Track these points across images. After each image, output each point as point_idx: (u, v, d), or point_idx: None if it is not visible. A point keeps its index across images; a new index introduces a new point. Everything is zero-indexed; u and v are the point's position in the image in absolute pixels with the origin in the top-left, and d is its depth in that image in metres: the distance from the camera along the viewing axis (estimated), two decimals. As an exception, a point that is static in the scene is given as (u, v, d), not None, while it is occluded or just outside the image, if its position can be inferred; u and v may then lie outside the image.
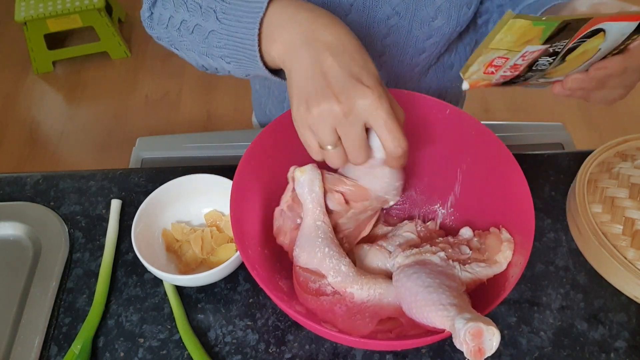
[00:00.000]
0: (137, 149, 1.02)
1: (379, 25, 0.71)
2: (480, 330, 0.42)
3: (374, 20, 0.70)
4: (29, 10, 2.05)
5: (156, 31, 0.60)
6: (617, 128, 1.90)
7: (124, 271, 0.67)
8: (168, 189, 0.67)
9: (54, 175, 0.77)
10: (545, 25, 0.42)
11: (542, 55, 0.46)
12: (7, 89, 2.17)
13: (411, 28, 0.71)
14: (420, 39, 0.72)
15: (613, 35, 0.46)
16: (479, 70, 0.47)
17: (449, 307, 0.46)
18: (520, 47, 0.44)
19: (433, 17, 0.69)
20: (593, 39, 0.46)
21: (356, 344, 0.53)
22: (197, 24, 0.52)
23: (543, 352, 0.60)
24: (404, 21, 0.70)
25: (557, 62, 0.48)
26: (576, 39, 0.45)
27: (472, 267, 0.54)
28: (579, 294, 0.64)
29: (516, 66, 0.47)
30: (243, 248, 0.52)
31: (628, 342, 0.60)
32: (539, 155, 0.78)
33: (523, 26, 0.42)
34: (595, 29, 0.45)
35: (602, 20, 0.44)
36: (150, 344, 0.61)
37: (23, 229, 0.72)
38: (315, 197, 0.55)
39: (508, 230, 0.56)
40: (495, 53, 0.45)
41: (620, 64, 0.48)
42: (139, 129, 2.02)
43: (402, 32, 0.72)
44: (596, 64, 0.49)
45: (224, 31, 0.50)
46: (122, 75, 2.22)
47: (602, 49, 0.47)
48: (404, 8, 0.68)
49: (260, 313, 0.63)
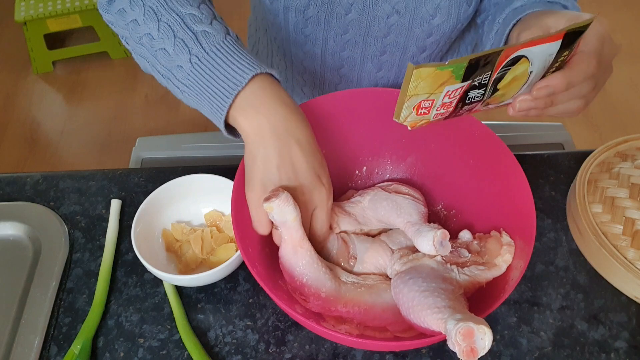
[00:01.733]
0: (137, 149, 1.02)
1: (379, 24, 0.71)
2: (471, 330, 0.42)
3: (374, 18, 0.70)
4: (28, 10, 2.05)
5: (112, 17, 0.56)
6: (617, 128, 1.90)
7: (123, 271, 0.67)
8: (168, 189, 0.67)
9: (53, 175, 0.77)
10: (452, 68, 0.42)
11: (470, 90, 0.46)
12: (6, 89, 2.17)
13: (411, 26, 0.70)
14: (420, 38, 0.72)
15: (538, 57, 0.45)
16: (411, 114, 0.46)
17: (444, 310, 0.47)
18: (439, 89, 0.44)
19: (432, 15, 0.69)
20: (518, 65, 0.45)
21: (356, 344, 0.53)
22: (164, 48, 0.51)
23: (543, 352, 0.60)
24: (404, 19, 0.70)
25: (490, 92, 0.48)
26: (498, 69, 0.45)
27: (470, 270, 0.54)
28: (579, 294, 0.64)
29: (446, 104, 0.47)
30: (244, 246, 0.52)
31: (628, 342, 0.60)
32: (539, 155, 0.78)
33: (429, 73, 0.42)
34: (515, 56, 0.44)
35: (517, 49, 0.43)
36: (150, 344, 0.61)
37: (23, 229, 0.72)
38: (289, 225, 0.53)
39: (509, 232, 0.56)
40: (417, 98, 0.44)
41: (561, 80, 0.48)
42: (138, 129, 2.02)
43: (403, 31, 0.71)
44: (537, 84, 0.49)
45: (194, 76, 0.50)
46: (122, 75, 2.22)
47: (534, 71, 0.47)
48: (404, 6, 0.68)
49: (260, 313, 0.63)
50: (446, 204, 0.66)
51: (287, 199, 0.50)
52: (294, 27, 0.73)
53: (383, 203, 0.63)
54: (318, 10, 0.70)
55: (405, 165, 0.68)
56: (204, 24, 0.51)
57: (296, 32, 0.74)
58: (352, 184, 0.70)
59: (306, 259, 0.55)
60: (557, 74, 0.48)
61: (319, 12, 0.70)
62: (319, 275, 0.55)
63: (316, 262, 0.55)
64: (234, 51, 0.50)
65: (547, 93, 0.49)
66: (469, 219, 0.63)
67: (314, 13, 0.70)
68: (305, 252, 0.55)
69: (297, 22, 0.72)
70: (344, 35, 0.73)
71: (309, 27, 0.72)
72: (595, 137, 1.88)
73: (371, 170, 0.70)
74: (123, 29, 0.55)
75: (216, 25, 0.52)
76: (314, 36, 0.74)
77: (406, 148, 0.67)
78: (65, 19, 2.10)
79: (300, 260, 0.55)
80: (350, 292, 0.56)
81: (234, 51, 0.50)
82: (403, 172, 0.69)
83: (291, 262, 0.55)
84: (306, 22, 0.72)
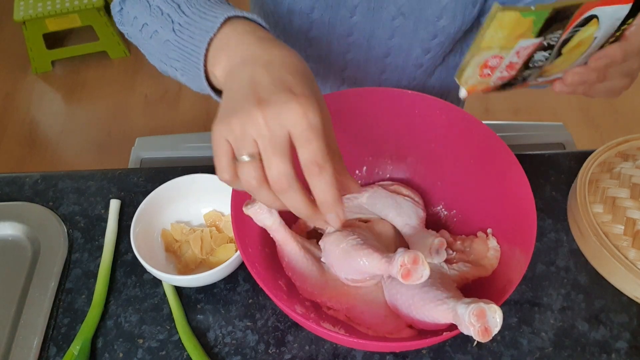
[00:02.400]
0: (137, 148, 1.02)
1: (384, 27, 0.70)
2: (483, 309, 0.43)
3: (379, 21, 0.70)
4: (27, 10, 2.05)
5: (125, 28, 0.58)
6: (618, 128, 1.90)
7: (123, 271, 0.67)
8: (167, 189, 0.67)
9: (52, 175, 0.77)
10: (535, 15, 0.41)
11: (537, 50, 0.45)
12: (5, 89, 2.17)
13: (416, 28, 0.70)
14: (425, 39, 0.72)
15: (607, 21, 0.45)
16: (475, 73, 0.45)
17: (447, 300, 0.48)
18: (512, 42, 0.43)
19: (438, 17, 0.68)
20: (587, 27, 0.44)
21: (356, 345, 0.53)
22: (155, 30, 0.51)
23: (544, 352, 0.59)
24: (409, 22, 0.69)
25: (554, 57, 0.47)
26: (569, 28, 0.44)
27: (458, 266, 0.57)
28: (580, 295, 0.64)
29: (512, 65, 0.46)
30: (243, 246, 0.52)
31: (629, 342, 0.60)
32: (539, 155, 0.77)
33: (512, 19, 0.40)
34: (588, 15, 0.43)
35: (594, 5, 0.43)
36: (150, 345, 0.61)
37: (22, 229, 0.71)
38: (270, 229, 0.56)
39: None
40: (488, 52, 0.43)
41: (620, 51, 0.47)
42: (138, 128, 2.02)
43: (407, 33, 0.71)
44: (595, 54, 0.48)
45: (178, 44, 0.48)
46: (121, 75, 2.21)
47: (598, 38, 0.46)
48: (409, 8, 0.67)
49: (259, 314, 0.63)
50: (446, 204, 0.66)
51: (260, 207, 0.53)
52: (298, 30, 0.73)
53: (382, 200, 0.63)
54: (322, 13, 0.69)
55: (405, 165, 0.68)
56: None
57: (299, 35, 0.74)
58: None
59: (290, 256, 0.57)
60: (615, 45, 0.47)
61: (322, 15, 0.69)
62: (304, 271, 0.57)
63: (302, 259, 0.57)
64: (214, 7, 0.47)
65: (605, 64, 0.47)
66: (469, 219, 0.63)
67: (318, 16, 0.70)
68: (290, 250, 0.57)
69: (301, 25, 0.72)
70: (348, 37, 0.73)
71: (313, 30, 0.72)
72: (596, 137, 1.88)
73: (371, 169, 0.69)
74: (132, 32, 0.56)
75: None
76: (317, 39, 0.73)
77: (406, 148, 0.67)
78: (64, 18, 2.09)
79: (285, 257, 0.58)
80: (337, 288, 0.57)
81: (214, 7, 0.47)
82: (403, 172, 0.69)
83: (281, 255, 0.58)
84: (310, 24, 0.71)
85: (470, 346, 0.60)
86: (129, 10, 0.55)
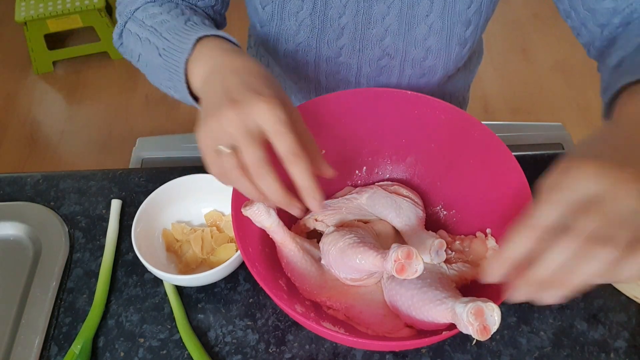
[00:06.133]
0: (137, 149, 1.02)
1: (370, 67, 0.71)
2: (481, 308, 0.44)
3: (365, 61, 0.70)
4: (29, 11, 2.05)
5: (127, 57, 0.65)
6: (617, 128, 1.89)
7: (124, 271, 0.67)
8: (168, 189, 0.67)
9: (54, 175, 0.78)
10: None
11: None
12: (7, 89, 2.17)
13: (403, 68, 0.71)
14: (413, 77, 0.73)
15: None
16: None
17: (446, 300, 0.48)
18: None
19: (424, 58, 0.68)
20: None
21: (356, 344, 0.53)
22: (149, 59, 0.59)
23: (543, 352, 0.60)
24: (395, 62, 0.70)
25: None
26: None
27: (457, 266, 0.57)
28: (579, 294, 0.64)
29: None
30: (243, 246, 0.52)
31: (628, 342, 0.60)
32: (538, 155, 0.78)
33: None
34: None
35: None
36: (151, 344, 0.61)
37: (23, 229, 0.72)
38: (268, 230, 0.56)
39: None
40: None
41: None
42: (139, 129, 2.02)
43: (394, 72, 0.72)
44: None
45: (165, 65, 0.55)
46: (122, 75, 2.22)
47: None
48: (394, 49, 0.68)
49: (260, 313, 0.63)
50: (445, 204, 0.66)
51: (258, 208, 0.53)
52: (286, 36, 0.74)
53: (382, 200, 0.63)
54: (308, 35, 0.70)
55: (405, 165, 0.68)
56: (169, 22, 0.57)
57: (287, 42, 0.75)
58: (351, 184, 0.70)
59: (289, 257, 0.58)
60: None
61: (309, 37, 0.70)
62: (304, 271, 0.57)
63: (301, 260, 0.57)
64: (190, 30, 0.54)
65: None
66: (469, 219, 0.63)
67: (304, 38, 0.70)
68: (289, 250, 0.57)
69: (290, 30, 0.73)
70: (336, 75, 0.74)
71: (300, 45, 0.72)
72: (595, 137, 1.88)
73: (371, 170, 0.70)
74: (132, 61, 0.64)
75: (180, 18, 0.57)
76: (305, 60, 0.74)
77: (406, 148, 0.67)
78: (65, 19, 2.10)
79: (284, 258, 0.58)
80: (336, 288, 0.57)
81: (190, 30, 0.54)
82: (403, 172, 0.69)
83: (280, 255, 0.59)
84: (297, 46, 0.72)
85: (470, 345, 0.60)
86: (127, 44, 0.63)
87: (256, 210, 0.53)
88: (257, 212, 0.54)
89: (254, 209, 0.53)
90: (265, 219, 0.54)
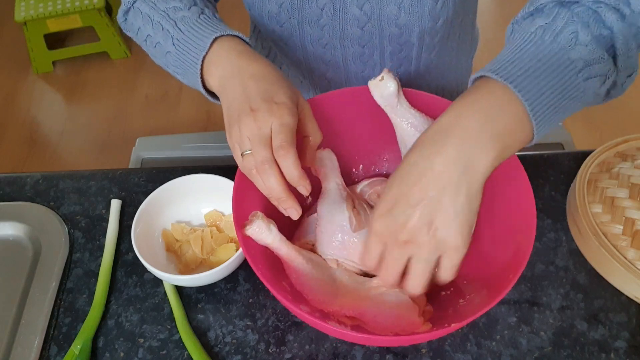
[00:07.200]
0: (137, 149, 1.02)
1: (351, 29, 0.71)
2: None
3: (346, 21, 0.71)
4: (28, 10, 2.05)
5: (130, 34, 0.67)
6: (617, 128, 1.90)
7: (123, 271, 0.67)
8: (168, 189, 0.67)
9: (53, 175, 0.77)
10: None
11: None
12: (7, 89, 2.17)
13: (382, 28, 0.71)
14: (393, 38, 0.72)
15: None
16: None
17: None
18: None
19: (396, 15, 0.68)
20: None
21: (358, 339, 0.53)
22: (158, 42, 0.61)
23: (543, 352, 0.60)
24: (374, 22, 0.70)
25: None
26: None
27: None
28: (579, 294, 0.64)
29: None
30: (247, 247, 0.52)
31: (628, 342, 0.60)
32: (539, 155, 0.78)
33: None
34: None
35: None
36: (150, 344, 0.61)
37: (23, 229, 0.72)
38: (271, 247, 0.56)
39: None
40: None
41: None
42: (138, 129, 2.02)
43: (375, 34, 0.72)
44: None
45: (177, 55, 0.59)
46: (122, 76, 2.22)
47: None
48: (369, 8, 0.69)
49: (260, 313, 0.63)
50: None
51: (259, 226, 0.54)
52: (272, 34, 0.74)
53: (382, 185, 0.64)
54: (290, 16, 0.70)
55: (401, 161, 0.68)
56: (183, 11, 0.59)
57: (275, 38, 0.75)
58: (349, 183, 0.70)
59: (298, 270, 0.56)
60: None
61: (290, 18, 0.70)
62: (315, 281, 0.56)
63: (311, 271, 0.56)
64: (204, 25, 0.58)
65: None
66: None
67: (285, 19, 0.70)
68: (297, 264, 0.56)
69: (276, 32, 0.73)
70: (320, 40, 0.74)
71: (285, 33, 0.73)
72: (595, 137, 1.88)
73: (368, 168, 0.70)
74: (136, 39, 0.66)
75: (193, 9, 0.60)
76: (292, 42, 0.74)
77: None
78: (65, 19, 2.10)
79: (293, 273, 0.56)
80: (349, 293, 0.56)
81: (204, 25, 0.58)
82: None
83: (288, 271, 0.57)
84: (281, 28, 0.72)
85: (470, 345, 0.60)
86: (133, 22, 0.65)
87: (256, 227, 0.53)
88: (257, 230, 0.54)
89: (254, 227, 0.53)
90: (266, 235, 0.54)
